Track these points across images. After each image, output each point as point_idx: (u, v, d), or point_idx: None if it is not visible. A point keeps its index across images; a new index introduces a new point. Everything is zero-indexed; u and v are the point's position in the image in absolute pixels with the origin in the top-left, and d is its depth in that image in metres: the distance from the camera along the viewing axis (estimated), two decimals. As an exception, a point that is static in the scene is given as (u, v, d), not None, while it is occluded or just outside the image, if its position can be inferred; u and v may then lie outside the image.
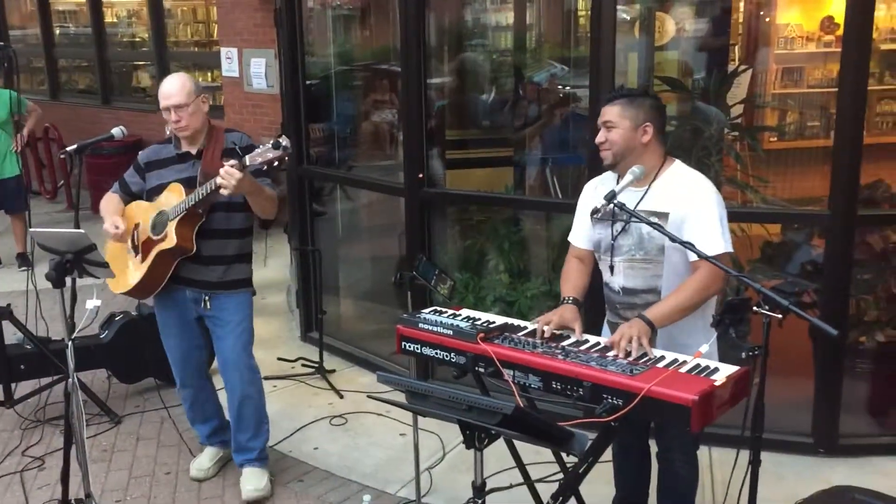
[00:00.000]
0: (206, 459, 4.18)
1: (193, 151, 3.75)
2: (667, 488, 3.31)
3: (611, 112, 3.01)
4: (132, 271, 3.79)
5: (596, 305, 3.46)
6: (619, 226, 3.06)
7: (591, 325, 3.26)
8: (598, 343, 2.93)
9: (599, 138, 3.04)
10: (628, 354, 2.76)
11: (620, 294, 3.12)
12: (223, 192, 3.37)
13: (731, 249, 2.96)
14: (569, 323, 3.00)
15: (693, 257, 2.85)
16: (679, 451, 3.20)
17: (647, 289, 3.05)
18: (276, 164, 3.34)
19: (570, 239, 3.33)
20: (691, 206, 2.93)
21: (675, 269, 3.00)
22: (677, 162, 3.07)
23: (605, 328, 3.30)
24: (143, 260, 3.73)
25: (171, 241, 3.61)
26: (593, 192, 3.21)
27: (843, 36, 3.83)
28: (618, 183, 3.00)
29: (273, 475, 4.08)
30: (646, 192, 3.00)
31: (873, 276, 4.44)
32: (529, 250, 5.23)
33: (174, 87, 3.64)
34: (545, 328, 2.97)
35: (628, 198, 2.99)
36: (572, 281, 3.21)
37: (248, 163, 3.35)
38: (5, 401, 4.75)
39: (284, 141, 3.30)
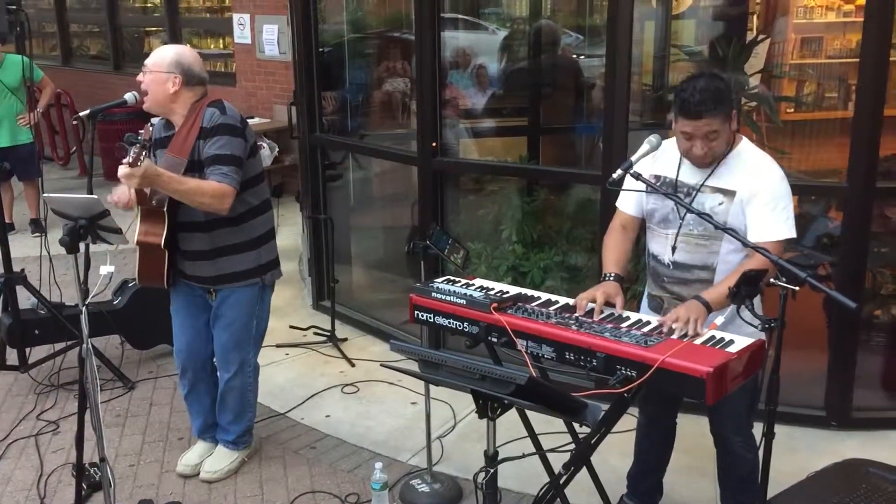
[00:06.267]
0: (194, 455, 3.98)
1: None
2: (728, 471, 3.22)
3: (715, 122, 2.78)
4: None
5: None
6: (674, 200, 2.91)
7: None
8: (612, 314, 2.91)
9: (697, 150, 2.83)
10: (684, 335, 2.69)
11: (670, 268, 3.03)
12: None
13: (793, 235, 2.87)
14: (612, 299, 2.93)
15: (751, 240, 2.77)
16: (735, 433, 3.09)
17: (702, 265, 2.97)
18: (143, 155, 3.09)
19: (617, 204, 3.21)
20: (758, 187, 2.84)
21: (735, 247, 2.89)
22: (745, 140, 2.97)
23: (645, 301, 3.24)
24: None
25: (136, 237, 3.50)
26: (651, 162, 3.03)
27: (866, 5, 3.76)
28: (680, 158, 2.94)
29: (247, 456, 4.00)
30: (714, 169, 2.91)
31: (891, 250, 4.40)
32: (543, 220, 5.20)
33: (155, 53, 3.53)
34: (591, 305, 2.89)
35: (697, 174, 2.92)
36: (615, 253, 3.11)
37: (131, 159, 3.08)
38: (20, 365, 4.78)
39: (136, 138, 3.12)
